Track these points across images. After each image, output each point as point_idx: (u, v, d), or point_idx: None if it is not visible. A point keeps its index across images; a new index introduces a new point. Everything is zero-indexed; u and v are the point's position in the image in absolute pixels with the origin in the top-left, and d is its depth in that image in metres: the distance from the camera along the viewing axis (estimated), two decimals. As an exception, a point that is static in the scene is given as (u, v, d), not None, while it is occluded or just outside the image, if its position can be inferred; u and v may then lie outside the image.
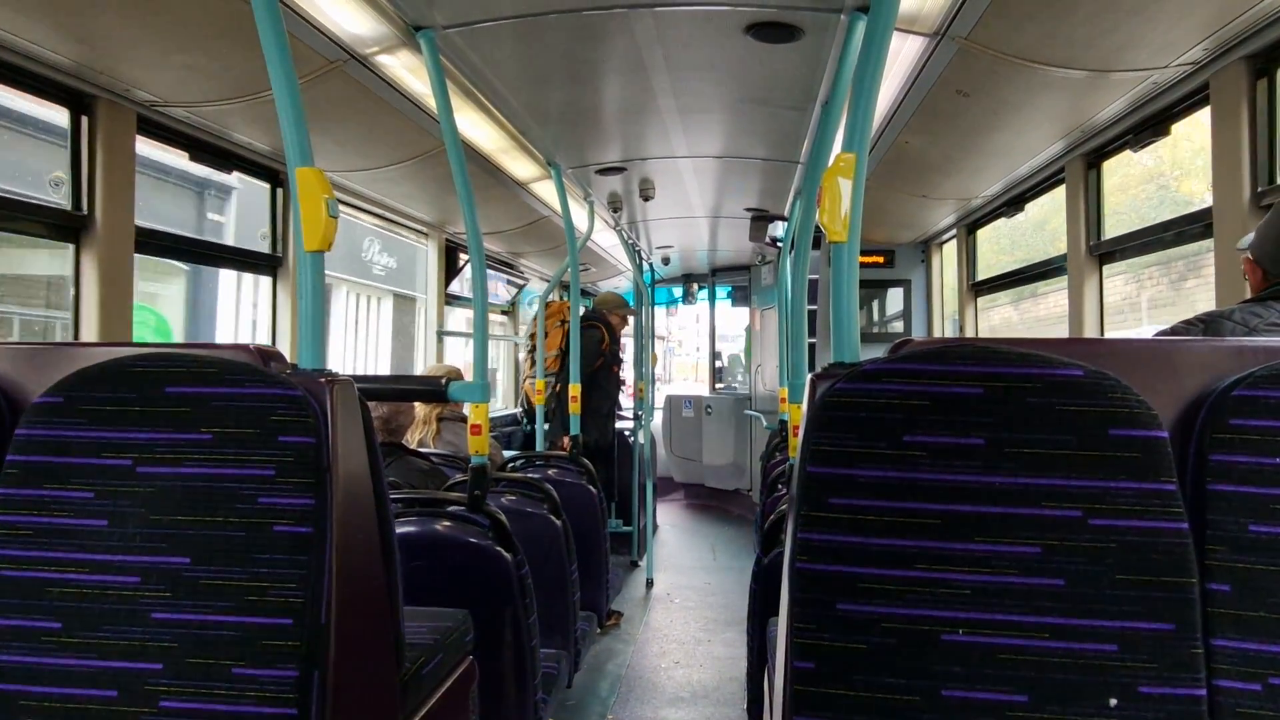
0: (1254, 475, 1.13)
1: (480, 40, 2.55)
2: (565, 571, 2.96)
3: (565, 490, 3.46)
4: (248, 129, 2.94)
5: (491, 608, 2.22)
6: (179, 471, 1.30)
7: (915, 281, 5.86)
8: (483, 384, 2.35)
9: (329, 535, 1.30)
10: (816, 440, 1.18)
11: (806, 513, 1.18)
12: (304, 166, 1.51)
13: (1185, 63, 2.35)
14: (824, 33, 2.49)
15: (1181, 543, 1.11)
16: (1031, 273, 4.32)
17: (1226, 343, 1.33)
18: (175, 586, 1.28)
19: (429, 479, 2.99)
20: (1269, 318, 1.50)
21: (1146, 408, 1.13)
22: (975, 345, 1.18)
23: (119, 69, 2.36)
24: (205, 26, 2.16)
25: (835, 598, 1.16)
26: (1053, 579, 1.12)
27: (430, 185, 3.93)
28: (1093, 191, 3.29)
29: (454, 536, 2.27)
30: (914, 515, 1.16)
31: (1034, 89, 2.63)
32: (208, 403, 1.32)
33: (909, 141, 3.42)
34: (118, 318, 2.54)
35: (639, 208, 5.27)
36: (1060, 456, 1.14)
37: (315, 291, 1.53)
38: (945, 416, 1.16)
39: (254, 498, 1.29)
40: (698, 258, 8.08)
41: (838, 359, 1.43)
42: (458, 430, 3.70)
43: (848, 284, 1.45)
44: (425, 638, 1.80)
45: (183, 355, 1.35)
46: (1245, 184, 2.26)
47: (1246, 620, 1.11)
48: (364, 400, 1.49)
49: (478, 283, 2.53)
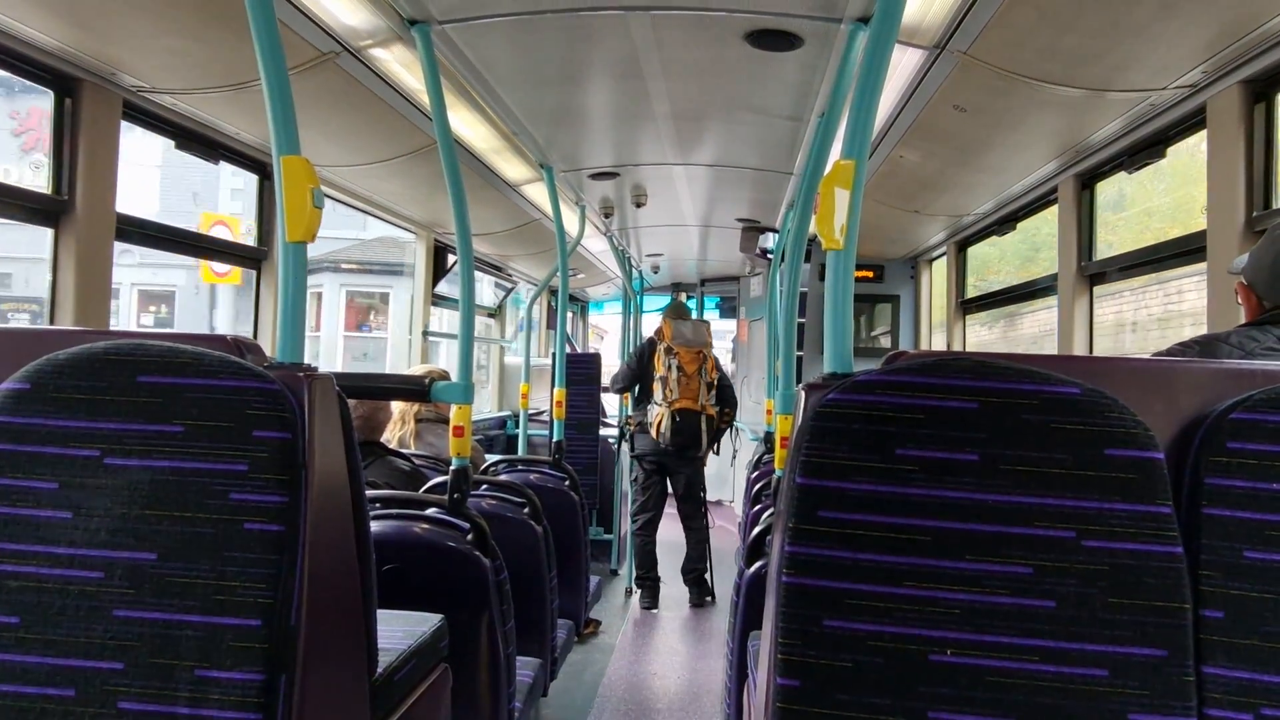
0: (1250, 500, 1.11)
1: (476, 37, 2.52)
2: (544, 578, 2.92)
3: (547, 496, 3.41)
4: (236, 119, 2.90)
5: (468, 613, 2.18)
6: (148, 464, 1.26)
7: (904, 297, 5.86)
8: (466, 385, 2.31)
9: (302, 534, 1.26)
10: (808, 451, 1.16)
11: (795, 525, 1.15)
12: (290, 155, 1.47)
13: (1183, 85, 2.35)
14: (824, 42, 2.47)
15: (1175, 567, 1.09)
16: (1021, 291, 4.32)
17: (1224, 365, 1.31)
18: (140, 583, 1.23)
19: (410, 480, 2.94)
20: (1266, 342, 1.48)
21: (1144, 428, 1.11)
22: (971, 359, 1.16)
23: (105, 52, 2.31)
24: (195, 11, 2.12)
25: (822, 613, 1.13)
26: (1044, 600, 1.10)
27: (420, 183, 3.89)
28: (1085, 212, 3.29)
29: (432, 539, 2.22)
30: (905, 531, 1.13)
31: (1031, 106, 2.63)
32: (181, 394, 1.27)
33: (903, 156, 3.41)
34: (95, 304, 2.48)
35: (631, 214, 5.25)
36: (1055, 475, 1.11)
37: (297, 283, 1.49)
38: (939, 430, 1.14)
39: (225, 493, 1.24)
40: (687, 267, 8.07)
41: (831, 369, 1.40)
42: (439, 432, 3.65)
43: (842, 293, 1.42)
44: (399, 642, 1.76)
45: (156, 344, 1.31)
46: (1240, 208, 2.25)
47: (1239, 648, 1.09)
48: (343, 397, 1.45)
49: (465, 283, 2.49)
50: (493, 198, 4.39)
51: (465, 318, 2.46)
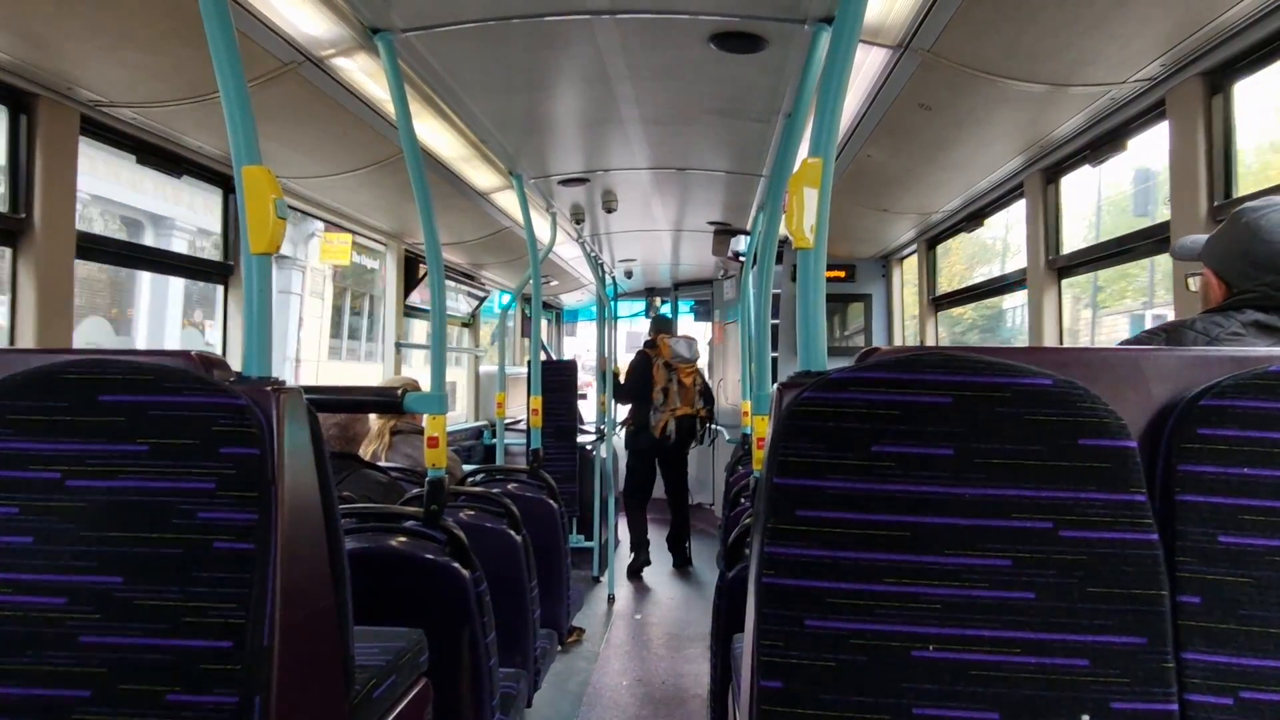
0: (1222, 485, 1.12)
1: (440, 44, 2.49)
2: (525, 588, 2.89)
3: (526, 505, 3.39)
4: (198, 132, 2.85)
5: (448, 626, 2.15)
6: (112, 485, 1.23)
7: (876, 296, 5.90)
8: (440, 395, 2.29)
9: (273, 552, 1.24)
10: (784, 451, 1.15)
11: (773, 526, 1.15)
12: (251, 165, 1.45)
13: (1142, 78, 2.38)
14: (788, 43, 2.48)
15: (1152, 554, 1.10)
16: (990, 287, 4.36)
17: (1192, 352, 1.32)
18: (106, 608, 1.20)
19: (387, 493, 2.90)
20: (1230, 327, 1.49)
21: (1115, 417, 1.12)
22: (944, 354, 1.16)
23: (61, 67, 2.27)
24: (153, 24, 2.08)
25: (803, 613, 1.12)
26: (1023, 592, 1.10)
27: (389, 193, 3.85)
28: (1052, 206, 3.32)
29: (409, 552, 2.19)
30: (883, 528, 1.13)
31: (994, 103, 2.65)
32: (144, 412, 1.25)
33: (871, 155, 3.43)
34: (57, 325, 2.43)
35: (602, 220, 5.24)
36: (1030, 467, 1.12)
37: (262, 296, 1.46)
38: (914, 426, 1.14)
39: (193, 513, 1.22)
40: (660, 271, 8.07)
41: (804, 367, 1.40)
42: (415, 444, 3.60)
43: (814, 291, 1.42)
44: (377, 659, 1.73)
45: (118, 362, 1.28)
46: (1202, 198, 2.28)
47: (1217, 633, 1.10)
48: (313, 410, 1.43)
49: (435, 293, 2.47)
50: (462, 206, 4.36)
51: (437, 327, 2.44)
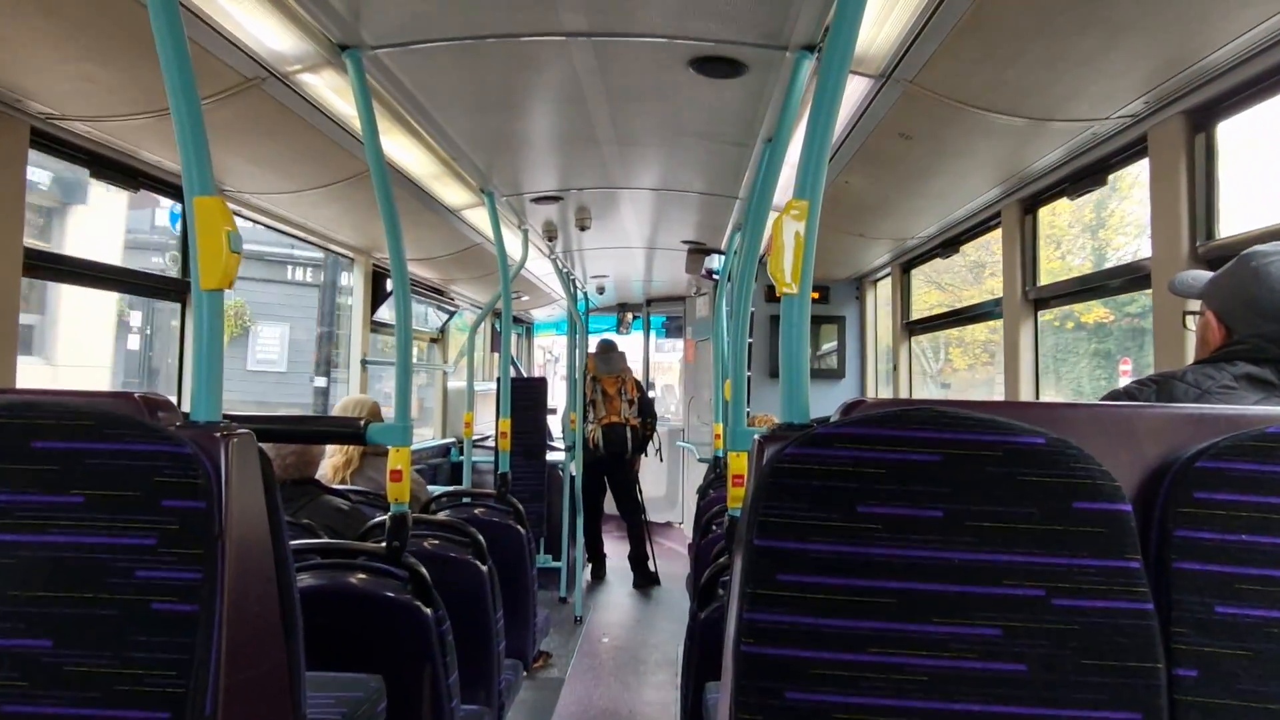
0: (1219, 553, 1.07)
1: (411, 63, 2.42)
2: (490, 621, 2.80)
3: (491, 531, 3.30)
4: (155, 146, 2.74)
5: (408, 668, 2.06)
6: (43, 540, 1.13)
7: (849, 318, 5.90)
8: (405, 426, 2.19)
9: (218, 613, 1.15)
10: (765, 511, 1.09)
11: (753, 591, 1.08)
12: (204, 196, 1.35)
13: (1125, 115, 2.36)
14: (769, 70, 2.43)
15: (1147, 624, 1.05)
16: (965, 315, 4.35)
17: (1187, 409, 1.28)
18: (33, 674, 1.10)
19: (348, 520, 2.80)
20: (1221, 379, 1.45)
21: (1110, 479, 1.07)
22: (933, 409, 1.11)
23: (8, 79, 2.16)
24: (107, 35, 1.98)
25: (784, 685, 1.06)
26: (1014, 664, 1.05)
27: (358, 209, 3.76)
28: (1029, 237, 3.31)
29: (368, 591, 2.10)
30: (868, 594, 1.07)
31: (975, 134, 2.63)
32: (81, 460, 1.15)
33: (849, 181, 3.40)
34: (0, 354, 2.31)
35: (575, 237, 5.18)
36: (1022, 531, 1.06)
37: (213, 333, 1.37)
38: (902, 485, 1.08)
39: (130, 570, 1.13)
40: (633, 288, 8.02)
41: (787, 420, 1.33)
42: (381, 466, 3.50)
43: (797, 340, 1.36)
44: (331, 712, 1.64)
45: (53, 405, 1.18)
46: (1184, 237, 2.26)
47: (1214, 709, 1.05)
48: (265, 455, 1.34)
49: (401, 313, 2.38)
50: (432, 222, 4.27)
51: (402, 349, 2.34)
